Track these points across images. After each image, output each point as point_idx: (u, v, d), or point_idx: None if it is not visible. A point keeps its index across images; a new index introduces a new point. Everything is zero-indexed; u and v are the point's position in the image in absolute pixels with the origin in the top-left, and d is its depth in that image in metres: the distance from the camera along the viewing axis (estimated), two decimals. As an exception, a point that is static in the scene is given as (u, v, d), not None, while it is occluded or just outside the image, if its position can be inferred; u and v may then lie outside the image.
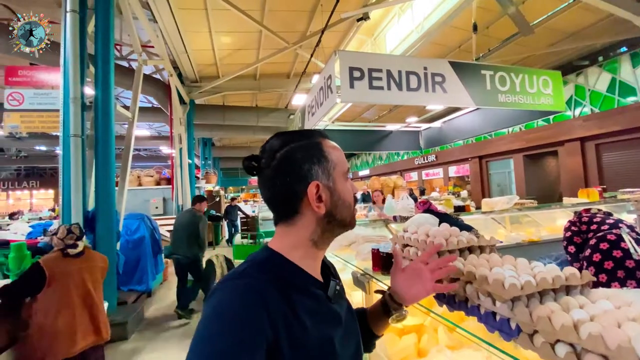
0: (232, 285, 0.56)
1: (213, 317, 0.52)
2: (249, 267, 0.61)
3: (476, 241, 1.12)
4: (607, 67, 8.45)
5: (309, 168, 0.64)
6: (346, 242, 1.94)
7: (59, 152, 3.53)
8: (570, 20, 7.02)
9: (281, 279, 0.59)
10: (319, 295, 0.64)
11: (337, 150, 0.70)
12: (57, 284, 2.09)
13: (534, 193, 10.46)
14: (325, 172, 0.65)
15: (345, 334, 0.66)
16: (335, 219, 0.66)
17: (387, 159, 20.65)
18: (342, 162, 0.69)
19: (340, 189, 0.67)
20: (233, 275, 0.59)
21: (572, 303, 0.70)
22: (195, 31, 7.53)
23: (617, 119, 8.04)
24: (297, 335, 0.55)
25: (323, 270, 0.72)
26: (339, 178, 0.67)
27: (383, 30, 8.49)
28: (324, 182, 0.65)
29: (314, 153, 0.66)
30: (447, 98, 4.50)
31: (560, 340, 0.63)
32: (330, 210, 0.65)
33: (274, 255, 0.64)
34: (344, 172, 0.68)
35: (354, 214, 0.69)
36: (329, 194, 0.65)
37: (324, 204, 0.64)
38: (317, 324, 0.59)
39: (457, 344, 1.65)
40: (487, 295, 0.81)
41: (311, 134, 0.69)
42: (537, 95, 4.95)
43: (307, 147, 0.66)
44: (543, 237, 4.20)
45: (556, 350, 0.63)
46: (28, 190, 25.69)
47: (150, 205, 9.54)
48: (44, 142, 17.31)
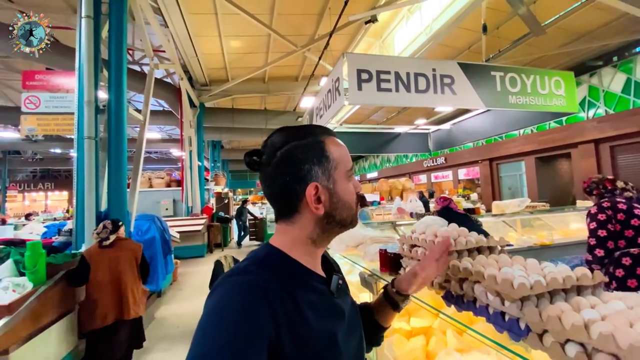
0: (234, 282, 0.56)
1: (214, 313, 0.52)
2: (251, 263, 0.61)
3: (485, 242, 1.11)
4: (622, 67, 8.28)
5: (309, 169, 0.63)
6: (353, 243, 1.93)
7: (74, 154, 3.60)
8: (583, 19, 6.89)
9: (283, 274, 0.59)
10: (321, 290, 0.64)
11: (340, 148, 0.68)
12: (95, 269, 2.62)
13: (547, 196, 10.27)
14: (325, 172, 0.64)
15: (349, 328, 0.65)
16: (335, 220, 0.65)
17: (395, 162, 20.54)
18: (344, 161, 0.68)
19: (340, 190, 0.66)
20: (235, 272, 0.59)
21: (583, 303, 0.69)
22: (206, 35, 7.65)
23: (633, 120, 7.86)
24: (300, 330, 0.54)
25: (325, 266, 0.72)
26: (340, 178, 0.66)
27: (391, 33, 8.48)
28: (324, 183, 0.64)
29: (315, 153, 0.65)
30: (456, 100, 4.47)
31: (570, 340, 0.62)
32: (330, 212, 0.64)
33: (275, 252, 0.64)
34: (346, 171, 0.67)
35: (355, 214, 0.68)
36: (328, 195, 0.64)
37: (322, 205, 0.63)
38: (320, 318, 0.58)
39: (466, 346, 1.62)
40: (496, 295, 0.80)
41: (314, 131, 0.68)
42: (549, 96, 4.87)
43: (308, 146, 0.65)
44: (556, 240, 4.13)
45: (566, 350, 0.62)
46: (43, 191, 26.31)
47: (160, 207, 9.69)
48: (58, 144, 17.74)
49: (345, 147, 0.70)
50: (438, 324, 1.79)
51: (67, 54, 7.21)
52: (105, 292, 2.60)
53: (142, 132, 4.81)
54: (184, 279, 6.48)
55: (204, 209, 10.26)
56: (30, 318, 2.06)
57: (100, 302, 2.58)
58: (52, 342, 2.40)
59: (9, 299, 2.01)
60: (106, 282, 2.62)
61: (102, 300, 2.58)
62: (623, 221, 2.04)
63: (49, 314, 2.36)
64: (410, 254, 1.25)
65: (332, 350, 0.58)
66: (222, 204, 12.40)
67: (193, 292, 5.57)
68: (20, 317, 1.97)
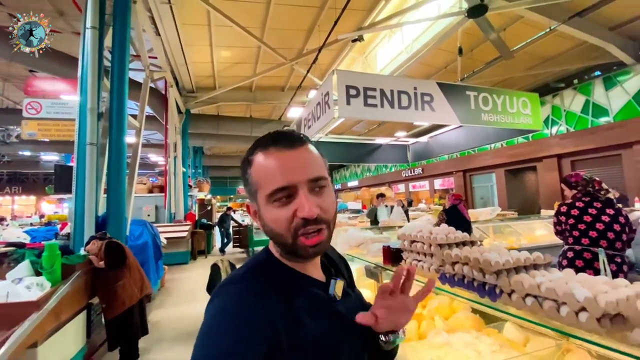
0: (232, 290, 0.57)
1: (213, 320, 0.53)
2: (248, 270, 0.61)
3: (469, 237, 1.44)
4: (581, 89, 9.14)
5: (245, 187, 0.64)
6: (355, 243, 2.23)
7: (44, 157, 3.73)
8: (547, 46, 7.66)
9: (279, 281, 0.60)
10: (318, 295, 0.63)
11: (264, 166, 0.58)
12: (128, 253, 3.16)
13: (515, 206, 11.03)
14: (251, 194, 0.62)
15: (348, 332, 0.63)
16: (277, 244, 0.62)
17: (375, 171, 21.15)
18: (266, 183, 0.58)
19: (264, 214, 0.60)
20: (233, 279, 0.59)
21: (537, 274, 1.02)
22: (197, 45, 7.84)
23: (591, 138, 8.69)
24: (297, 336, 0.55)
25: (328, 268, 0.72)
26: (262, 202, 0.59)
27: (374, 50, 8.97)
28: (253, 204, 0.63)
29: (243, 174, 0.63)
30: (435, 116, 4.86)
31: (528, 294, 0.94)
32: (267, 234, 0.62)
33: (272, 258, 0.64)
34: (267, 195, 0.58)
35: (292, 245, 0.58)
36: (258, 216, 0.62)
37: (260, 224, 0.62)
38: (316, 324, 0.58)
39: (450, 329, 1.94)
40: (479, 271, 1.12)
41: (253, 147, 0.62)
42: (517, 114, 5.38)
43: (242, 166, 0.64)
44: (523, 245, 4.60)
45: (526, 301, 0.94)
46: (10, 196, 24.95)
47: (142, 213, 9.58)
48: (29, 147, 17.01)
49: (277, 165, 0.58)
50: (427, 311, 2.10)
51: (52, 57, 7.15)
52: (133, 272, 3.09)
53: (138, 138, 4.93)
54: (171, 284, 6.52)
55: (187, 215, 10.25)
56: (53, 314, 2.20)
57: (128, 284, 2.99)
58: (70, 336, 2.55)
59: (35, 295, 2.15)
60: (134, 264, 3.18)
61: (129, 280, 3.02)
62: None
63: (67, 310, 2.50)
64: (410, 247, 1.56)
65: (330, 355, 0.59)
66: (204, 210, 12.36)
67: (182, 297, 5.63)
68: (45, 313, 2.11)
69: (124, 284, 2.97)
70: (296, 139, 0.60)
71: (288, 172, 0.57)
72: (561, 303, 0.87)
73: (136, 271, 3.20)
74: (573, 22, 5.92)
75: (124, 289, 2.96)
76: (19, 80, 10.11)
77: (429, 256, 1.46)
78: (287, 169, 0.57)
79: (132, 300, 2.97)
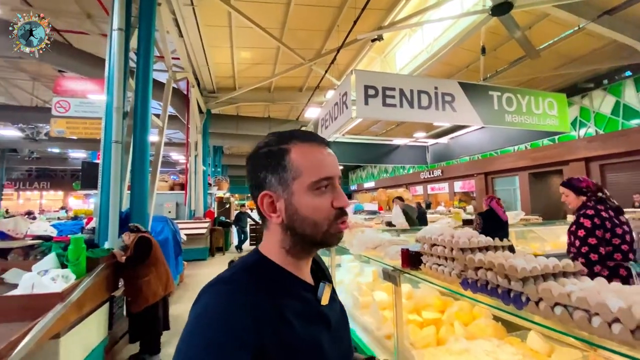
0: (218, 290, 0.56)
1: (197, 321, 0.53)
2: (236, 271, 0.60)
3: (492, 242, 1.39)
4: (611, 90, 8.74)
5: (264, 176, 0.62)
6: (372, 245, 2.21)
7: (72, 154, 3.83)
8: (575, 45, 7.35)
9: (268, 282, 0.59)
10: (307, 298, 0.63)
11: (308, 157, 0.62)
12: (155, 249, 3.21)
13: (539, 210, 10.64)
14: (282, 182, 0.61)
15: (335, 336, 0.65)
16: (298, 234, 0.62)
17: (392, 172, 20.92)
18: (310, 172, 0.61)
19: (298, 202, 0.60)
20: (219, 280, 0.58)
21: (567, 282, 0.97)
22: (218, 46, 7.99)
23: (621, 141, 8.30)
24: (285, 338, 0.54)
25: (315, 272, 0.72)
26: (299, 190, 0.60)
27: (393, 49, 8.88)
28: (279, 192, 0.61)
29: (274, 160, 0.62)
30: (456, 117, 4.75)
31: (557, 303, 0.90)
32: (289, 224, 0.62)
33: (263, 259, 0.64)
34: (310, 182, 0.60)
35: (326, 232, 0.61)
36: (284, 205, 0.61)
37: (278, 214, 0.62)
38: (305, 326, 0.58)
39: (471, 336, 1.89)
40: (504, 277, 1.08)
41: (286, 137, 0.64)
42: (543, 116, 5.18)
43: (270, 152, 0.63)
44: (547, 251, 4.42)
45: (555, 311, 0.90)
46: (38, 191, 26.20)
47: (163, 210, 9.84)
48: (58, 144, 17.79)
49: (321, 157, 0.63)
50: (447, 316, 2.06)
51: (79, 58, 7.47)
52: (159, 269, 3.15)
53: (161, 137, 5.07)
54: (190, 280, 6.66)
55: (207, 213, 10.45)
56: (76, 306, 2.28)
57: (154, 280, 3.06)
58: (92, 328, 2.64)
59: (60, 287, 2.24)
60: (161, 261, 3.23)
61: (155, 278, 3.08)
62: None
63: (90, 303, 2.58)
64: (430, 251, 1.53)
65: (317, 357, 0.59)
66: (223, 208, 12.58)
67: (200, 292, 5.73)
68: (69, 304, 2.19)
69: (149, 280, 3.03)
70: (325, 141, 0.66)
71: (331, 166, 0.63)
72: (593, 314, 0.83)
73: (162, 268, 3.25)
74: (602, 21, 5.67)
75: (148, 285, 3.02)
76: (49, 79, 10.59)
77: (450, 260, 1.42)
78: (329, 162, 0.63)
79: (155, 298, 3.03)
